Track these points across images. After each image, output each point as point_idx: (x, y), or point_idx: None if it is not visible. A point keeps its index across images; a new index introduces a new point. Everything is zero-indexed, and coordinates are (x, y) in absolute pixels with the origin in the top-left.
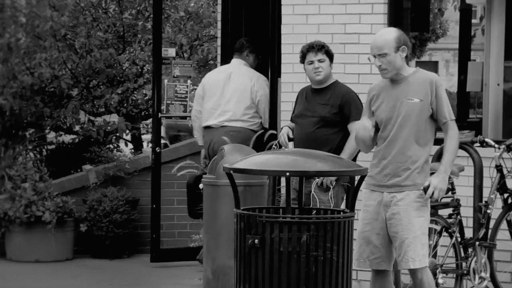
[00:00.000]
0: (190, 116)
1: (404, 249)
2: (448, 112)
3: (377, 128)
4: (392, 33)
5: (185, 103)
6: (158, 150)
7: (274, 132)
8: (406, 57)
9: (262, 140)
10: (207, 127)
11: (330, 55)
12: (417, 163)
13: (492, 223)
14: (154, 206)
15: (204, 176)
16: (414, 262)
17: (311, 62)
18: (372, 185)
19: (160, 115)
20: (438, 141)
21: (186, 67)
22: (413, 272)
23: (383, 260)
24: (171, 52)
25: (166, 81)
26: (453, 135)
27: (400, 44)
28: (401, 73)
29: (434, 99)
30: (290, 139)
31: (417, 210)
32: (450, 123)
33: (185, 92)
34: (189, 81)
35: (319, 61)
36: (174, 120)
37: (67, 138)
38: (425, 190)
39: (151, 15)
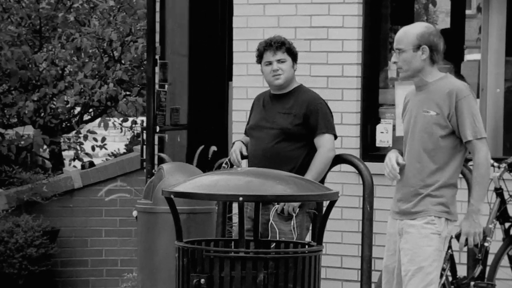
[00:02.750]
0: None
1: (405, 282)
2: (471, 130)
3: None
4: (417, 28)
5: (165, 113)
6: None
7: (215, 148)
8: (433, 61)
9: (207, 158)
10: None
11: (292, 54)
12: (430, 188)
13: (490, 259)
14: None
15: (138, 201)
16: None
17: (269, 63)
18: (392, 212)
19: (158, 128)
20: None
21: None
22: None
23: None
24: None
25: (157, 86)
26: (479, 162)
27: (422, 43)
28: (424, 79)
29: (454, 113)
30: (243, 156)
31: (425, 237)
32: (476, 143)
33: (164, 100)
34: (166, 86)
35: (279, 61)
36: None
37: None
38: (457, 237)
39: (74, 5)
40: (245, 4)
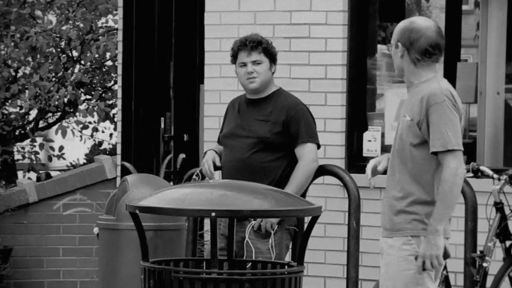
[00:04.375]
0: None
1: None
2: (441, 140)
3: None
4: (403, 23)
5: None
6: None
7: (184, 156)
8: (413, 60)
9: (175, 168)
10: None
11: (270, 55)
12: (404, 202)
13: (490, 281)
14: None
15: (100, 217)
16: None
17: (243, 65)
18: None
19: (186, 137)
20: None
21: None
22: None
23: None
24: None
25: None
26: (444, 177)
27: (399, 39)
28: (409, 79)
29: (424, 120)
30: (217, 168)
31: (404, 260)
32: (444, 156)
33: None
34: None
35: (254, 63)
36: None
37: None
38: (416, 259)
39: None
40: None
